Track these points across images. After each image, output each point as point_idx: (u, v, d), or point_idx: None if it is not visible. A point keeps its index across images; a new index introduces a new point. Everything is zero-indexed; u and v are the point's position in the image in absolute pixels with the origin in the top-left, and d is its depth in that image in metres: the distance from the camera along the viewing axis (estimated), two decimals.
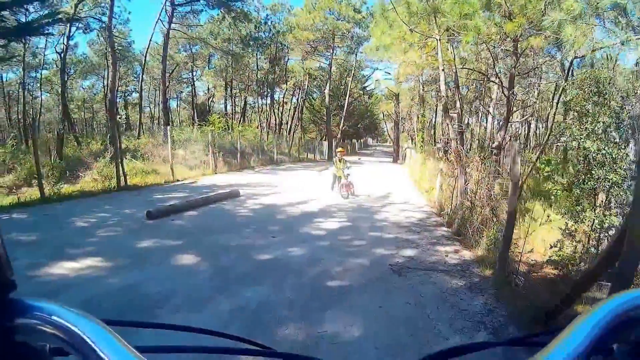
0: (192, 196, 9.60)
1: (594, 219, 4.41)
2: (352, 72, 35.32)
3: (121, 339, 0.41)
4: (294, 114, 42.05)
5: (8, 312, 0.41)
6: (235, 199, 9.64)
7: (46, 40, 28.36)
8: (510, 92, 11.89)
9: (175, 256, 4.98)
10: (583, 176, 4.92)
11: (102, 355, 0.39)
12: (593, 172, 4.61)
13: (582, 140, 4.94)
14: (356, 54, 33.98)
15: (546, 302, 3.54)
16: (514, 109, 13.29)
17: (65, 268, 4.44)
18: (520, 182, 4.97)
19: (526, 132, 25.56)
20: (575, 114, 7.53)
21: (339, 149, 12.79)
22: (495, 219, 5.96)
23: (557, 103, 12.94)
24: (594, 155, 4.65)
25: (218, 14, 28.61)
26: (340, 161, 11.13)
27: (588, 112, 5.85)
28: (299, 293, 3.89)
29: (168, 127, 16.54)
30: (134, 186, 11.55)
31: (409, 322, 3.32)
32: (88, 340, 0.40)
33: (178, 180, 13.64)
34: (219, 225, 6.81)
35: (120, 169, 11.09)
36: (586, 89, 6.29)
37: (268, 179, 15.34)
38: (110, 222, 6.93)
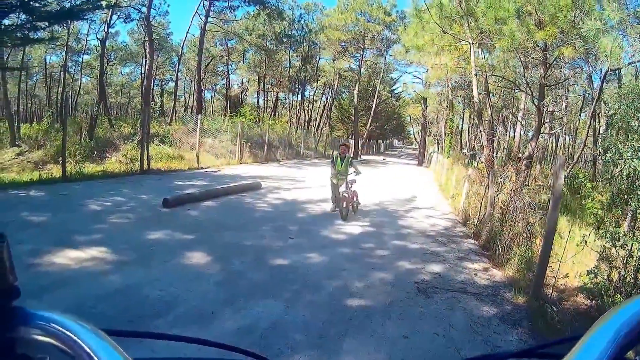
0: (213, 185, 9.10)
1: (632, 244, 3.68)
2: (381, 74, 34.36)
3: (122, 350, 0.39)
4: (322, 112, 41.41)
5: (10, 321, 0.39)
6: (256, 192, 9.06)
7: (89, 27, 28.65)
8: (541, 103, 11.11)
9: (184, 254, 4.41)
10: (625, 196, 4.34)
11: None
12: (639, 191, 3.98)
13: (629, 158, 4.27)
14: (385, 57, 32.94)
15: None
16: (544, 120, 12.37)
17: (67, 258, 3.95)
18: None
19: (554, 144, 24.30)
20: (618, 129, 6.90)
21: (343, 142, 9.34)
22: (528, 236, 5.27)
23: (592, 116, 12.07)
24: (638, 174, 4.05)
25: (254, 11, 28.15)
26: (342, 161, 7.42)
27: (632, 128, 5.24)
28: (316, 312, 3.26)
29: (199, 116, 16.18)
30: (157, 170, 11.13)
31: None
32: (89, 351, 0.38)
33: (202, 168, 13.15)
34: (236, 220, 6.23)
35: (145, 152, 10.66)
36: (629, 104, 5.69)
37: (292, 172, 14.73)
38: (124, 207, 6.44)
